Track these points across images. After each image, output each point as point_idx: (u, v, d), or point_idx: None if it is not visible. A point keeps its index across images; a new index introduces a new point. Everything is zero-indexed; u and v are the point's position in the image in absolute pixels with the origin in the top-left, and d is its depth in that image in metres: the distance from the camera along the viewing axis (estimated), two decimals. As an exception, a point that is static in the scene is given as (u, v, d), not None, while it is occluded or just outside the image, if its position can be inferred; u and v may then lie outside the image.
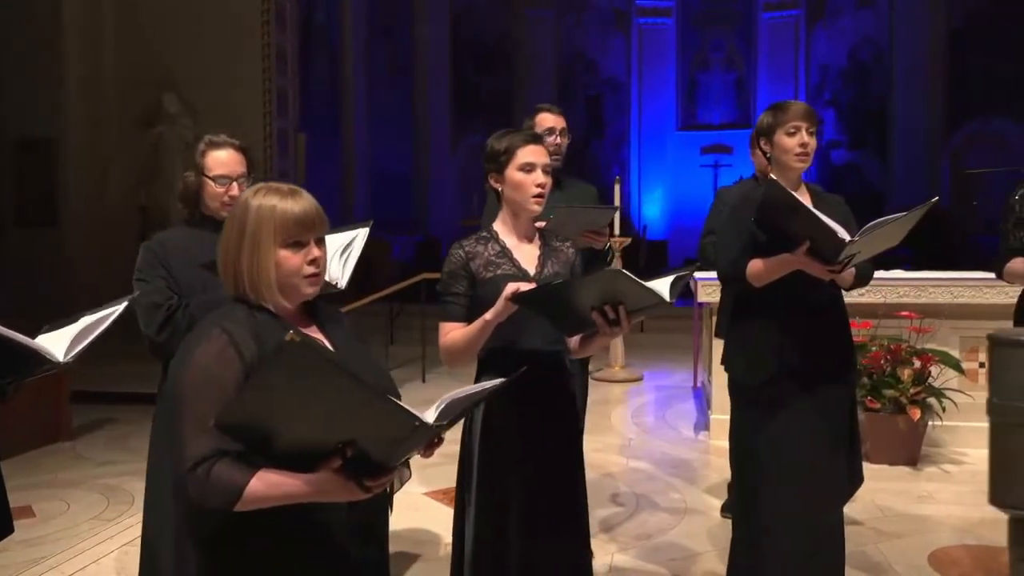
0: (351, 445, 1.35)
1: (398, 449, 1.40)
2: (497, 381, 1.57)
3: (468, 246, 2.23)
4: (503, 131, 2.33)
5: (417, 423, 1.34)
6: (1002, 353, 0.93)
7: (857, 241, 2.21)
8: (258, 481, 1.38)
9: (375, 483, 1.40)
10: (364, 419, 1.33)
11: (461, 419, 1.58)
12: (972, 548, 3.34)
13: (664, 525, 3.67)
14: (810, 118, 2.63)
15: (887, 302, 4.68)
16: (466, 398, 1.46)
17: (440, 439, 1.64)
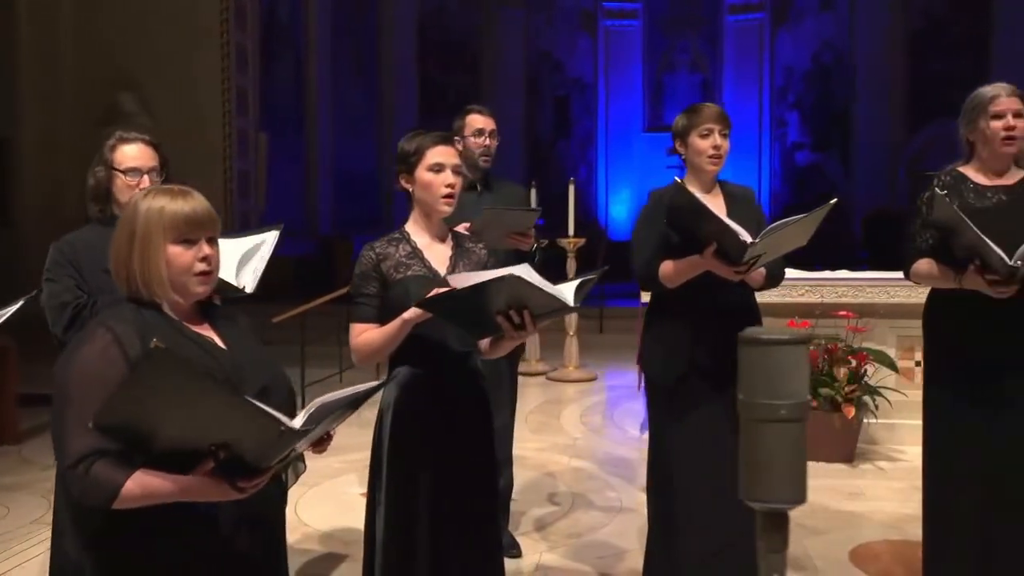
0: (224, 448, 1.39)
1: (270, 452, 1.43)
2: (370, 384, 1.59)
3: (379, 247, 2.25)
4: (414, 132, 2.35)
5: (283, 428, 1.37)
6: (746, 351, 0.96)
7: (759, 243, 2.25)
8: (134, 481, 1.42)
9: (249, 484, 1.45)
10: (233, 423, 1.37)
11: (337, 422, 1.60)
12: (894, 543, 3.41)
13: (596, 523, 3.71)
14: (723, 121, 2.68)
15: (825, 302, 4.76)
16: (337, 402, 1.48)
17: (329, 436, 1.67)
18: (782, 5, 15.01)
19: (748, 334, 0.95)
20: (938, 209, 2.50)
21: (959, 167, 2.70)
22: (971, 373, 2.54)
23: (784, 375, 0.92)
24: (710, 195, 2.72)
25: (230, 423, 1.37)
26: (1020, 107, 2.56)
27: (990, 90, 2.60)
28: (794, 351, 0.93)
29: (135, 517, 1.45)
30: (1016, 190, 2.60)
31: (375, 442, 2.25)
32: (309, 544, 3.51)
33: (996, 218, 2.52)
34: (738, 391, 0.96)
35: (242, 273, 2.37)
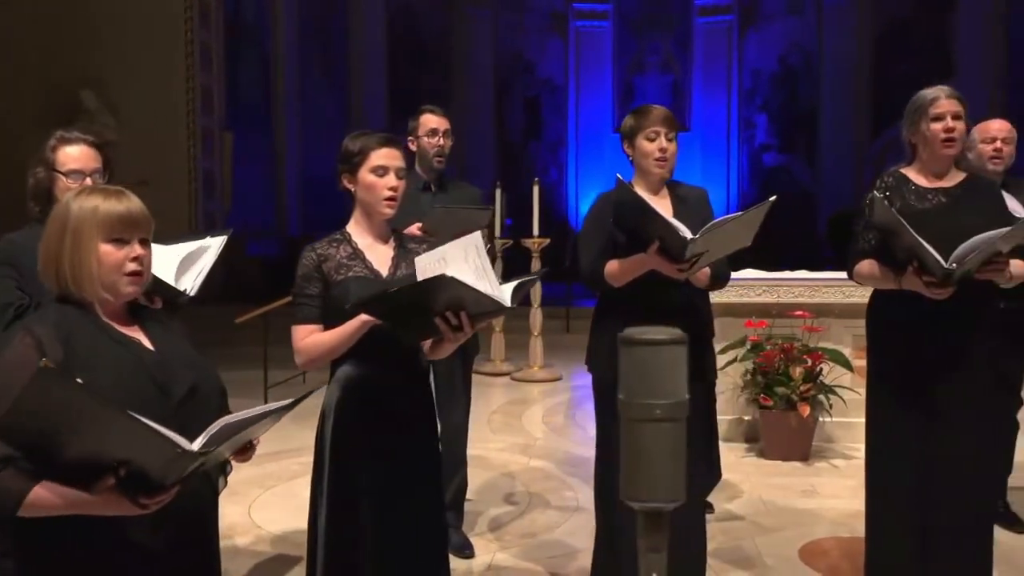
0: (126, 464, 1.40)
1: (169, 471, 1.42)
2: (282, 403, 1.58)
3: (320, 248, 2.25)
4: (358, 132, 2.35)
5: (179, 450, 1.37)
6: (625, 352, 0.97)
7: (698, 240, 2.25)
8: (36, 493, 1.41)
9: (152, 501, 1.45)
10: (132, 443, 1.37)
11: (263, 430, 1.59)
12: (842, 540, 3.45)
13: (551, 523, 3.71)
14: (669, 123, 2.68)
15: (781, 302, 4.81)
16: (241, 422, 1.48)
17: (252, 444, 1.66)
18: (750, 7, 15.14)
19: (627, 334, 0.96)
20: (878, 212, 2.53)
21: (901, 169, 2.74)
22: (910, 372, 2.58)
23: (662, 375, 0.93)
24: (657, 197, 2.73)
25: (132, 443, 1.37)
26: (959, 109, 2.61)
27: (930, 93, 2.64)
28: (671, 351, 0.93)
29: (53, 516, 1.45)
30: (955, 192, 2.64)
31: (317, 443, 2.24)
32: (262, 546, 3.48)
33: (936, 219, 2.55)
34: (620, 392, 0.96)
35: (185, 277, 2.35)
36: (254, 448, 1.66)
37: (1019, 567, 3.22)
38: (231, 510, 3.88)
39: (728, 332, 4.84)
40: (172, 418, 1.53)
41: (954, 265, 2.35)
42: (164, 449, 1.37)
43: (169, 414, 1.51)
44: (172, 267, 2.30)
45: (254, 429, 1.54)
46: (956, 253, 2.35)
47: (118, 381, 1.50)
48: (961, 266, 2.35)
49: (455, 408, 3.51)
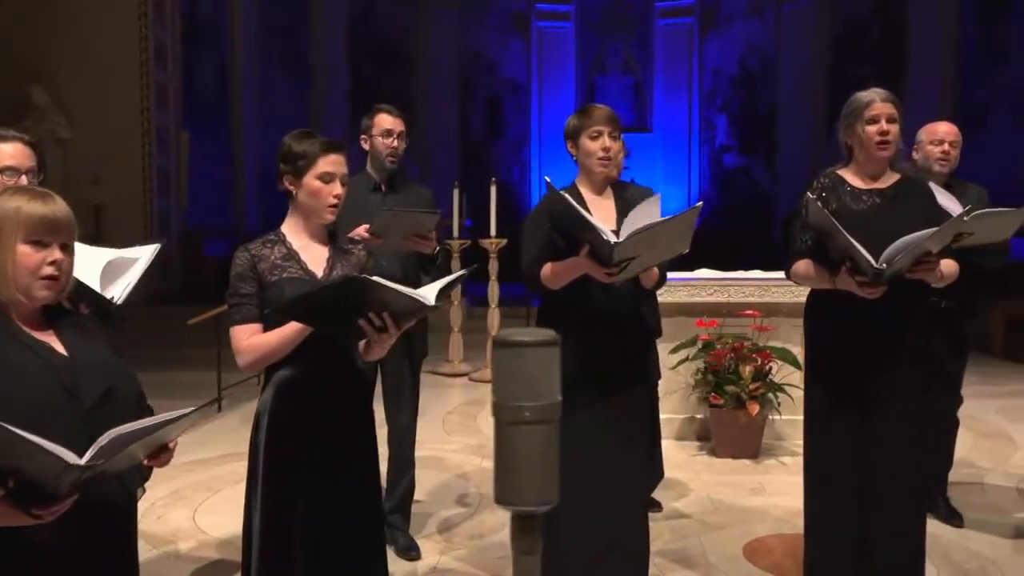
0: (16, 475, 1.37)
1: (64, 481, 1.40)
2: (182, 412, 1.55)
3: (254, 249, 2.22)
4: (300, 131, 2.32)
5: (65, 464, 1.35)
6: (497, 353, 0.97)
7: (623, 244, 2.26)
8: None
9: (46, 511, 1.41)
10: (18, 454, 1.34)
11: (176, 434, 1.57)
12: (786, 537, 3.49)
13: (500, 524, 3.70)
14: (613, 123, 2.68)
15: (732, 301, 4.86)
16: (134, 433, 1.45)
17: (168, 448, 1.63)
18: (710, 10, 15.29)
19: (499, 335, 0.95)
20: (811, 213, 2.57)
21: (838, 170, 2.78)
22: (845, 371, 2.62)
23: (532, 377, 0.93)
24: (601, 197, 2.73)
25: (18, 454, 1.34)
26: (894, 112, 2.65)
27: (866, 96, 2.68)
28: (542, 352, 0.93)
29: None
30: (889, 193, 2.68)
31: (251, 447, 2.21)
32: (205, 551, 3.43)
33: (870, 220, 2.59)
34: (492, 394, 0.96)
35: (114, 285, 2.31)
36: (171, 452, 1.63)
37: (957, 562, 3.28)
38: (176, 514, 3.82)
39: (680, 331, 4.88)
40: (83, 423, 1.51)
41: (884, 265, 2.39)
42: (50, 463, 1.34)
43: (79, 419, 1.48)
44: (98, 273, 2.26)
45: (161, 434, 1.51)
46: (886, 253, 2.39)
47: (19, 385, 1.47)
48: (891, 266, 2.38)
49: (402, 410, 3.49)
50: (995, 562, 3.25)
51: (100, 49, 9.09)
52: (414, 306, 1.95)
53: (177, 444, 1.66)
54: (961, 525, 3.60)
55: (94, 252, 2.27)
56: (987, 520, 3.68)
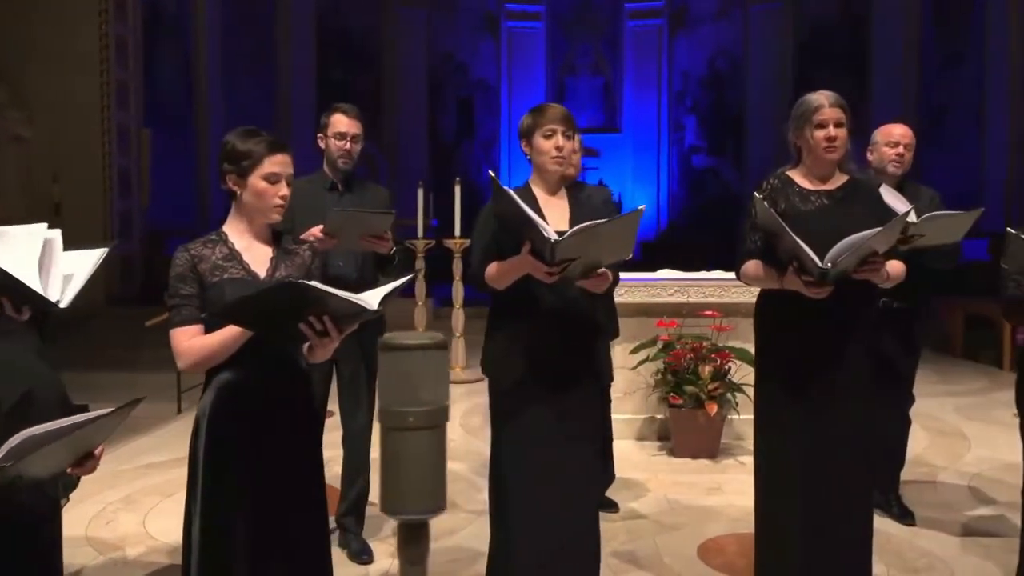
0: None
1: None
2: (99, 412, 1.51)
3: (194, 249, 2.17)
4: (245, 129, 2.27)
5: None
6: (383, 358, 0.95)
7: (562, 243, 2.24)
8: None
9: None
10: None
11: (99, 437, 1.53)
12: (740, 536, 3.50)
13: (456, 527, 3.68)
14: (566, 122, 2.65)
15: (691, 302, 4.87)
16: (47, 435, 1.41)
17: (94, 455, 1.59)
18: (679, 11, 15.37)
19: (385, 340, 0.93)
20: (759, 213, 2.57)
21: (787, 171, 2.79)
22: (793, 371, 2.63)
23: (418, 381, 0.90)
24: (555, 197, 2.71)
25: None
26: (841, 117, 2.66)
27: (814, 99, 2.70)
28: (428, 357, 0.91)
29: None
30: (837, 194, 2.70)
31: (191, 452, 2.16)
32: (155, 557, 3.37)
33: (817, 221, 2.61)
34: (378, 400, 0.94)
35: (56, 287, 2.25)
36: (96, 459, 1.59)
37: (908, 560, 3.31)
38: (126, 520, 3.76)
39: (640, 332, 4.89)
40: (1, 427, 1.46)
41: (829, 264, 2.40)
42: None
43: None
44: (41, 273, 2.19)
45: (83, 438, 1.47)
46: (831, 253, 2.40)
47: None
48: (836, 266, 2.40)
49: (357, 412, 3.45)
50: (944, 560, 3.29)
51: (60, 46, 8.92)
52: (354, 310, 1.92)
53: (106, 450, 1.62)
54: (913, 523, 3.64)
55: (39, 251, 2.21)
56: (939, 518, 3.73)
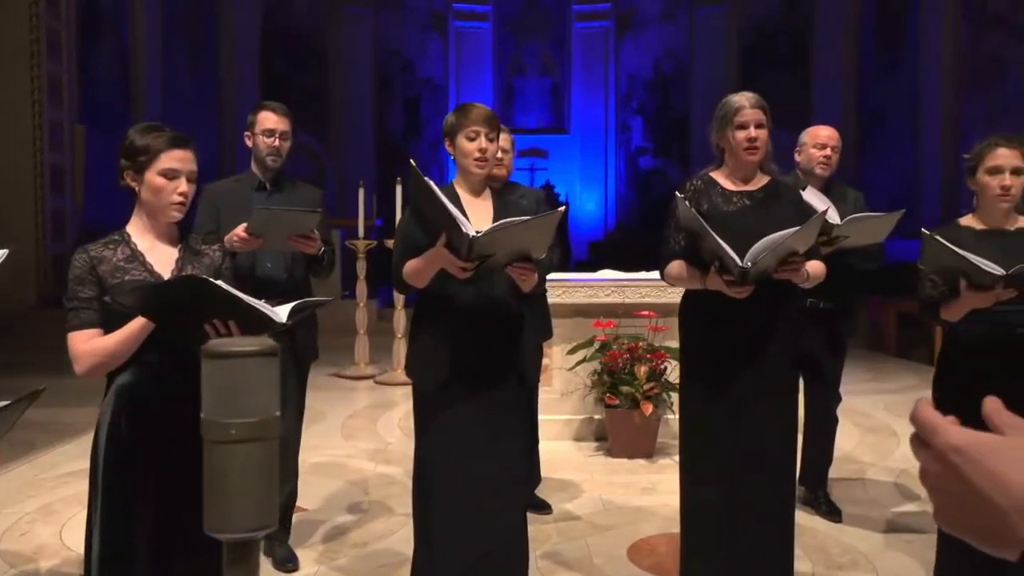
0: None
1: None
2: None
3: (93, 250, 2.11)
4: (146, 124, 2.21)
5: None
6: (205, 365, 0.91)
7: (480, 238, 2.21)
8: None
9: None
10: None
11: None
12: (671, 536, 3.50)
13: (387, 531, 3.63)
14: (490, 123, 2.62)
15: (628, 302, 4.89)
16: None
17: None
18: (626, 14, 15.48)
19: (207, 347, 0.89)
20: (681, 214, 2.58)
21: (710, 172, 2.81)
22: (715, 371, 2.65)
23: (242, 391, 0.86)
24: (479, 198, 2.68)
25: None
26: (762, 118, 2.69)
27: (736, 101, 2.71)
28: (255, 364, 0.87)
29: None
30: (759, 195, 2.72)
31: (92, 458, 2.10)
32: (69, 568, 3.25)
33: (739, 221, 2.63)
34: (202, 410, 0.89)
35: None
36: None
37: (832, 556, 3.36)
38: (42, 531, 3.62)
39: (578, 332, 4.89)
40: None
41: (749, 264, 2.42)
42: None
43: None
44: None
45: None
46: (751, 252, 2.42)
47: None
48: (755, 265, 2.41)
49: (285, 416, 3.31)
50: (867, 555, 3.34)
51: (-14, 38, 8.62)
52: (261, 319, 1.87)
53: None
54: (840, 520, 3.70)
55: None
56: (865, 515, 3.79)
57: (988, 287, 2.40)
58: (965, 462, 0.62)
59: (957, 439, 0.63)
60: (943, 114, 10.88)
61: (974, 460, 0.62)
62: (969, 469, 0.62)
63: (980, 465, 0.62)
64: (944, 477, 0.64)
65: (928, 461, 0.65)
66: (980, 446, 0.63)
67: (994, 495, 0.61)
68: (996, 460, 0.62)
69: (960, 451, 0.63)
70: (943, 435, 0.64)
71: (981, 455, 0.62)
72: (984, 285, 2.41)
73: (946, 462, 0.63)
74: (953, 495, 0.63)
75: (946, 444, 0.64)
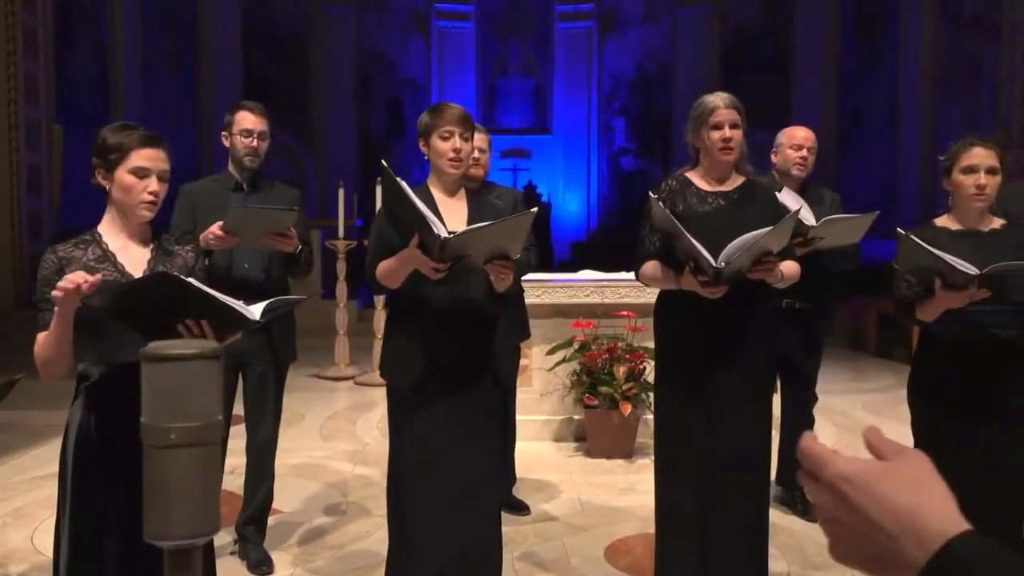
0: None
1: None
2: None
3: (63, 251, 2.09)
4: (120, 123, 2.19)
5: None
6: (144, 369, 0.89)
7: (453, 240, 2.20)
8: None
9: None
10: None
11: None
12: (648, 536, 3.47)
13: (364, 532, 3.61)
14: (464, 124, 2.61)
15: (607, 302, 4.89)
16: None
17: None
18: (609, 15, 15.51)
19: (147, 350, 0.87)
20: (655, 214, 2.58)
21: (686, 172, 2.81)
22: (690, 372, 2.64)
23: (181, 394, 0.84)
24: (453, 199, 2.67)
25: None
26: (736, 118, 2.69)
27: (711, 101, 2.72)
28: (195, 367, 0.85)
29: None
30: (734, 195, 2.73)
31: (61, 461, 2.07)
32: (39, 573, 3.21)
33: (714, 222, 2.63)
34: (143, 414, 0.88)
35: None
36: None
37: (808, 555, 3.36)
38: (12, 535, 3.57)
39: (558, 333, 4.89)
40: None
41: (723, 264, 2.41)
42: None
43: None
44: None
45: None
46: (725, 252, 2.42)
47: None
48: (729, 265, 2.41)
49: (263, 419, 3.34)
50: (843, 554, 3.35)
51: (-39, 36, 8.50)
52: (235, 317, 1.85)
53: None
54: (816, 519, 3.70)
55: None
56: (841, 513, 3.80)
57: (962, 287, 2.41)
58: (854, 490, 0.63)
59: (845, 469, 0.64)
60: (922, 115, 10.97)
61: (862, 487, 0.62)
62: (858, 497, 0.62)
63: (868, 492, 0.62)
64: (836, 508, 0.64)
65: (819, 494, 0.65)
66: (866, 473, 0.63)
67: (883, 520, 0.61)
68: (882, 485, 0.62)
69: (848, 480, 0.63)
70: (831, 466, 0.64)
71: (868, 482, 0.62)
72: (958, 285, 2.42)
73: (836, 492, 0.64)
74: (846, 526, 0.64)
75: (835, 475, 0.64)
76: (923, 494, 0.62)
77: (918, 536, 0.60)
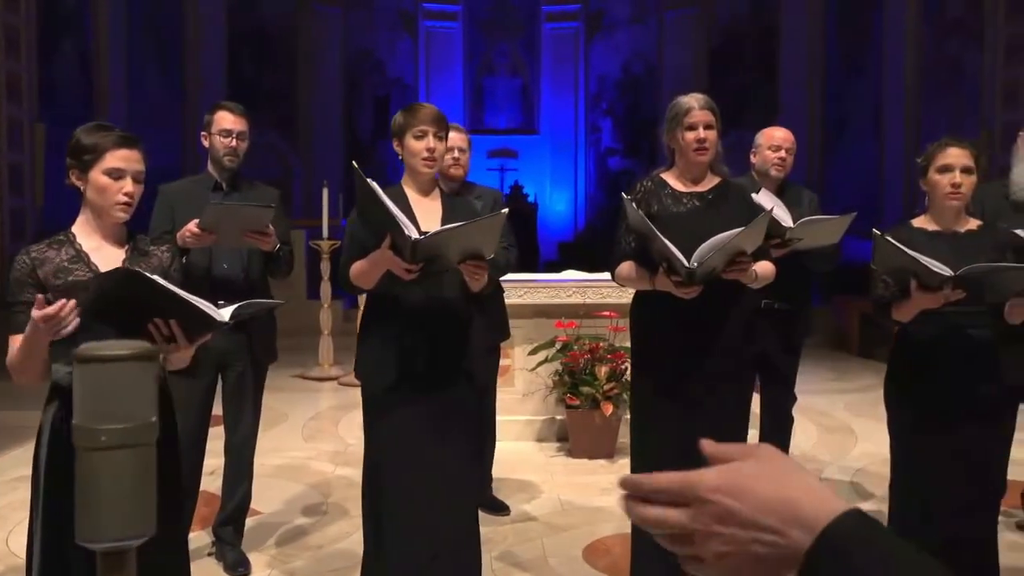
0: None
1: None
2: None
3: (35, 252, 2.08)
4: (95, 124, 2.19)
5: None
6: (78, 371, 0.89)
7: (424, 241, 2.20)
8: None
9: None
10: None
11: None
12: (627, 537, 3.50)
13: (343, 533, 3.60)
14: (439, 123, 2.62)
15: (589, 302, 4.90)
16: None
17: None
18: (596, 15, 15.52)
19: (79, 351, 0.86)
20: (629, 215, 2.59)
21: (661, 173, 2.82)
22: (666, 372, 2.65)
23: (114, 396, 0.84)
24: (427, 199, 2.67)
25: None
26: (711, 119, 2.70)
27: (685, 102, 2.73)
28: (128, 369, 0.84)
29: None
30: (708, 196, 2.74)
31: (34, 462, 2.06)
32: (15, 575, 3.19)
33: (688, 222, 2.64)
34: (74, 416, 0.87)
35: None
36: None
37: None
38: (-12, 536, 3.55)
39: (540, 333, 4.89)
40: None
41: (695, 264, 2.42)
42: None
43: None
44: None
45: None
46: (698, 252, 2.43)
47: None
48: (702, 266, 2.42)
49: (242, 419, 3.33)
50: (820, 553, 3.37)
51: (-58, 34, 8.43)
52: (203, 318, 1.84)
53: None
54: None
55: None
56: (820, 512, 3.82)
57: (937, 288, 2.43)
58: (727, 497, 0.61)
59: (713, 480, 0.62)
60: (905, 117, 11.03)
61: (735, 492, 0.61)
62: (734, 503, 0.61)
63: (741, 495, 0.61)
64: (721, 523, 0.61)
65: (696, 519, 0.63)
66: (733, 476, 0.62)
67: (765, 518, 0.60)
68: (752, 484, 0.61)
69: (721, 489, 0.62)
70: (700, 482, 0.63)
71: (738, 486, 0.61)
72: (933, 286, 2.43)
73: (716, 508, 0.62)
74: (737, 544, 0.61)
75: (708, 488, 0.62)
76: (792, 484, 0.61)
77: (801, 523, 0.59)
